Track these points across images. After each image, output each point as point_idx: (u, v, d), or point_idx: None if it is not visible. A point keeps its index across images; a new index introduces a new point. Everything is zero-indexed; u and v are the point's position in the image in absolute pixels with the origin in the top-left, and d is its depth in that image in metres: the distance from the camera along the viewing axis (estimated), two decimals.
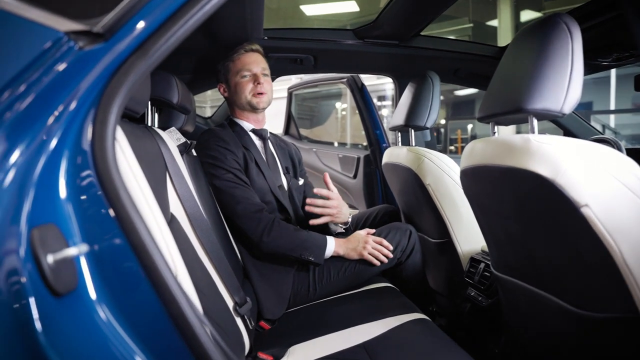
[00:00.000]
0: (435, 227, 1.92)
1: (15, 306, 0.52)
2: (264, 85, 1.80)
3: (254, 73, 1.79)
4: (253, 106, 1.81)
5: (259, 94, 1.79)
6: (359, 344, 1.27)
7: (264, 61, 1.84)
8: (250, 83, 1.79)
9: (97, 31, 0.63)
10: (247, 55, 1.80)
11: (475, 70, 2.42)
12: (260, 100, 1.80)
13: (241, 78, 1.79)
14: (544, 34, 0.98)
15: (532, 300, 1.13)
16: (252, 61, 1.79)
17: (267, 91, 1.81)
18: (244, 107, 1.83)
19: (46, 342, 0.52)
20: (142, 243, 0.62)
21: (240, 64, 1.79)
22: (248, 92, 1.79)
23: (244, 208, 1.62)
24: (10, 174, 0.55)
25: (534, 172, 0.91)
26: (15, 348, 0.51)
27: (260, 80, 1.79)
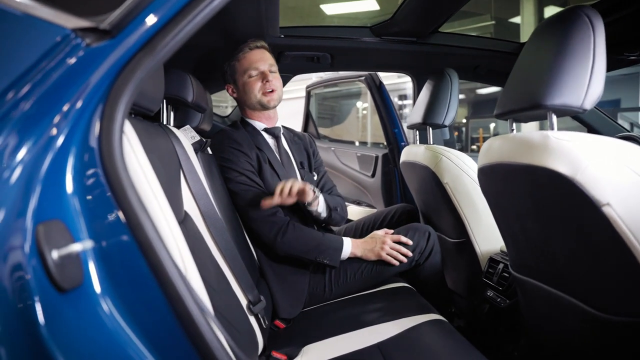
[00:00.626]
0: (454, 227, 1.89)
1: (19, 301, 0.52)
2: (273, 82, 1.74)
3: (262, 71, 1.73)
4: (264, 105, 1.77)
5: (269, 92, 1.75)
6: (373, 345, 1.26)
7: (271, 57, 1.79)
8: (259, 82, 1.74)
9: (104, 28, 0.63)
10: (253, 52, 1.74)
11: (495, 67, 2.37)
12: (271, 99, 1.76)
13: (249, 77, 1.74)
14: (565, 27, 0.95)
15: (551, 302, 1.10)
16: (259, 59, 1.74)
17: (276, 87, 1.76)
18: (254, 107, 1.79)
19: (49, 336, 0.52)
20: (148, 240, 0.61)
21: (247, 62, 1.74)
22: (257, 91, 1.74)
23: (257, 212, 1.61)
24: (17, 171, 0.55)
25: (553, 169, 0.88)
26: (18, 343, 0.51)
27: (268, 77, 1.73)
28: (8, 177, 0.55)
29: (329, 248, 1.63)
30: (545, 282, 1.10)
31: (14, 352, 0.51)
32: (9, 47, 0.60)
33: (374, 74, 2.82)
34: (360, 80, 2.89)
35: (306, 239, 1.62)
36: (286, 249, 1.61)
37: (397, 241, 1.70)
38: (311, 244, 1.62)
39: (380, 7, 6.98)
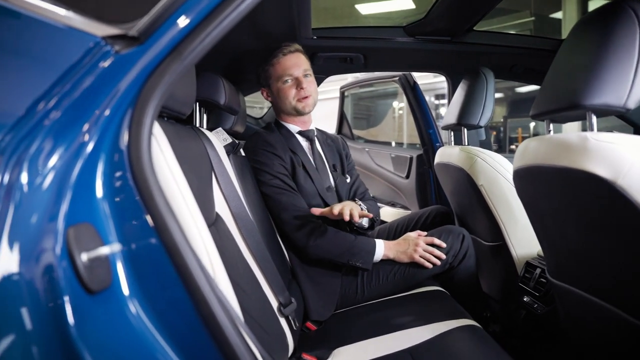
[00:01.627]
0: (489, 230, 1.85)
1: (50, 301, 0.53)
2: (307, 88, 1.75)
3: (296, 77, 1.74)
4: (299, 111, 1.78)
5: (304, 97, 1.75)
6: (404, 349, 1.24)
7: (306, 61, 1.79)
8: (293, 88, 1.74)
9: (133, 35, 0.65)
10: (287, 58, 1.74)
11: (533, 66, 2.29)
12: (306, 105, 1.76)
13: (283, 84, 1.74)
14: (608, 21, 0.91)
15: (592, 311, 1.05)
16: (293, 64, 1.74)
17: (311, 93, 1.77)
18: (289, 112, 1.80)
19: (78, 337, 0.53)
20: (175, 243, 0.62)
21: (281, 68, 1.74)
22: (292, 97, 1.75)
23: (289, 215, 1.62)
24: (49, 177, 0.57)
25: (592, 173, 0.84)
26: (49, 342, 0.53)
27: (302, 84, 1.73)
28: (41, 183, 0.57)
29: (361, 251, 1.62)
30: (585, 290, 1.06)
31: (45, 351, 0.52)
32: (41, 56, 0.62)
33: (408, 74, 2.79)
34: (394, 80, 2.87)
35: (338, 243, 1.61)
36: (318, 253, 1.61)
37: (430, 243, 1.67)
38: (343, 247, 1.61)
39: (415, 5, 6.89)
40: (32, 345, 0.52)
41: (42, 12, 0.62)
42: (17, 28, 0.63)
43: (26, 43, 0.62)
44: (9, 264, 0.52)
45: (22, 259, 0.53)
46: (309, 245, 1.60)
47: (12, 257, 0.52)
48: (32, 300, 0.52)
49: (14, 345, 0.51)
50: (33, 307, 0.52)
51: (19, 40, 0.62)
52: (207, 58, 0.71)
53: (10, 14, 0.62)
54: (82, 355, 0.54)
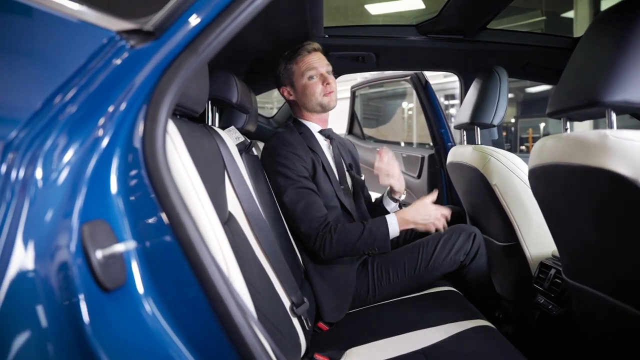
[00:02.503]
0: (502, 230, 1.83)
1: (65, 299, 0.53)
2: (332, 84, 1.78)
3: (321, 73, 1.76)
4: (324, 106, 1.78)
5: (330, 92, 1.77)
6: (418, 350, 1.23)
7: (326, 60, 1.81)
8: (319, 84, 1.75)
9: (148, 29, 0.64)
10: (311, 55, 1.76)
11: (547, 64, 2.27)
12: (331, 99, 1.78)
13: (309, 80, 1.75)
14: (627, 17, 0.89)
15: (611, 313, 1.03)
16: (317, 60, 1.76)
17: (334, 89, 1.80)
18: (313, 109, 1.80)
19: (93, 334, 0.53)
20: (190, 241, 0.61)
21: (305, 65, 1.75)
22: (319, 92, 1.75)
23: (305, 218, 1.59)
24: (64, 172, 0.57)
25: (613, 171, 0.82)
26: (64, 339, 0.52)
27: (328, 79, 1.76)
28: (56, 178, 0.56)
29: (375, 239, 1.58)
30: (603, 291, 1.04)
31: (60, 349, 0.52)
32: (56, 51, 0.62)
33: (420, 73, 2.77)
34: (406, 79, 2.85)
35: (353, 240, 1.57)
36: (334, 255, 1.59)
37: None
38: (359, 242, 1.57)
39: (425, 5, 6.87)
40: (48, 343, 0.51)
41: (56, 7, 0.62)
42: (32, 23, 0.62)
43: (41, 38, 0.62)
44: (24, 261, 0.52)
45: (37, 256, 0.52)
46: (324, 253, 1.57)
47: (28, 253, 0.52)
48: (48, 297, 0.52)
49: (30, 342, 0.50)
50: (48, 304, 0.52)
51: (33, 36, 0.62)
52: (219, 56, 0.71)
53: (25, 10, 0.62)
54: (98, 354, 0.53)
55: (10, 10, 0.62)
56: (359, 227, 1.59)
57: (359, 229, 1.58)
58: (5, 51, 0.62)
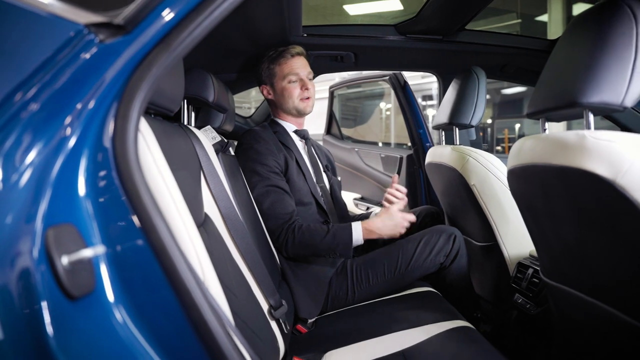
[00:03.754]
0: (480, 230, 1.84)
1: (26, 309, 0.49)
2: (311, 90, 1.81)
3: (301, 77, 1.80)
4: (300, 111, 1.83)
5: (307, 98, 1.81)
6: (397, 352, 1.23)
7: (308, 65, 1.85)
8: (298, 88, 1.80)
9: (118, 23, 0.61)
10: (294, 59, 1.80)
11: (524, 66, 2.29)
12: (307, 105, 1.82)
13: (288, 83, 1.79)
14: (604, 19, 0.90)
15: (587, 312, 1.04)
16: (299, 65, 1.80)
17: (312, 95, 1.84)
18: (289, 112, 1.84)
19: (57, 347, 0.50)
20: (163, 245, 0.59)
21: (287, 68, 1.79)
22: (296, 97, 1.80)
23: (273, 222, 1.60)
24: (26, 174, 0.53)
25: (591, 171, 0.82)
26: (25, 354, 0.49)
27: (307, 85, 1.80)
28: (17, 180, 0.53)
29: (338, 245, 1.58)
30: (580, 290, 1.04)
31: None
32: (18, 44, 0.58)
33: (399, 73, 2.78)
34: (385, 80, 2.85)
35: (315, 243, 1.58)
36: (298, 252, 1.61)
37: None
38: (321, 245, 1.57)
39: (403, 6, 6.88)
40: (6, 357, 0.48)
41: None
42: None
43: (4, 29, 0.59)
44: None
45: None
46: (288, 246, 1.59)
47: None
48: (5, 307, 0.49)
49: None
50: (7, 315, 0.48)
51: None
52: (195, 54, 0.68)
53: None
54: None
55: None
56: (323, 230, 1.59)
57: (323, 232, 1.59)
58: None
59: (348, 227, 1.61)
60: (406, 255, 1.68)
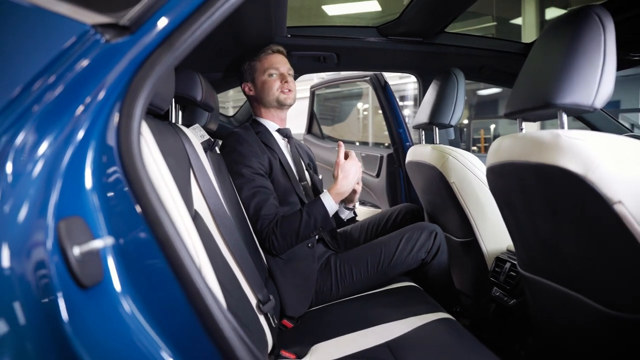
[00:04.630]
0: (460, 226, 1.90)
1: (43, 297, 0.52)
2: (290, 84, 1.85)
3: (281, 72, 1.84)
4: (281, 102, 1.84)
5: (287, 90, 1.84)
6: (382, 343, 1.26)
7: (289, 63, 1.89)
8: (278, 81, 1.83)
9: (124, 24, 0.64)
10: (274, 55, 1.85)
11: (500, 68, 2.37)
12: (288, 97, 1.84)
13: (269, 76, 1.82)
14: (575, 26, 0.96)
15: (561, 301, 1.10)
16: (279, 61, 1.84)
17: (293, 89, 1.87)
18: (270, 105, 1.85)
19: (72, 333, 0.52)
20: (168, 237, 0.62)
21: (268, 63, 1.83)
22: (276, 89, 1.82)
23: (259, 224, 1.63)
24: (39, 165, 0.56)
25: (564, 168, 0.88)
26: (43, 339, 0.51)
27: (287, 79, 1.84)
28: (30, 173, 0.55)
29: (317, 220, 1.63)
30: (555, 281, 1.11)
31: (39, 348, 0.51)
32: (30, 43, 0.60)
33: (379, 74, 2.83)
34: (365, 80, 2.90)
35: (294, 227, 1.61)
36: (286, 248, 1.64)
37: None
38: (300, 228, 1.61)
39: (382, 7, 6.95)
40: (26, 341, 0.50)
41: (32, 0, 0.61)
42: (5, 14, 0.61)
43: (14, 29, 0.61)
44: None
45: (13, 254, 0.51)
46: (275, 245, 1.62)
47: (3, 251, 0.51)
48: (25, 295, 0.51)
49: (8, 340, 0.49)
50: (26, 302, 0.51)
51: (6, 27, 0.61)
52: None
53: (1, 1, 0.61)
54: (78, 352, 0.53)
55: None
56: (296, 214, 1.63)
57: (298, 215, 1.63)
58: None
59: (318, 200, 1.66)
60: (389, 251, 1.73)
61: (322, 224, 1.63)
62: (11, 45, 0.60)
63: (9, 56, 0.60)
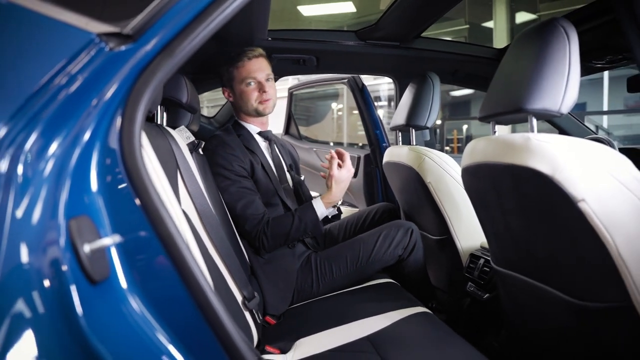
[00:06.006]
0: (436, 224, 1.96)
1: (58, 291, 0.55)
2: (269, 92, 1.83)
3: (259, 81, 1.81)
4: (259, 112, 1.85)
5: (265, 100, 1.82)
6: (363, 337, 1.31)
7: (268, 66, 1.86)
8: (256, 91, 1.81)
9: (127, 33, 0.67)
10: (251, 62, 1.80)
11: (473, 72, 2.46)
12: (266, 107, 1.84)
13: (246, 86, 1.81)
14: (543, 37, 1.03)
15: (531, 293, 1.17)
16: (257, 68, 1.80)
17: (272, 96, 1.85)
18: (250, 113, 1.87)
19: (87, 326, 0.56)
20: (170, 234, 0.66)
21: (245, 71, 1.80)
22: (254, 100, 1.81)
23: (249, 224, 1.68)
24: (48, 166, 0.59)
25: (534, 169, 0.95)
26: (62, 334, 0.55)
27: (265, 88, 1.81)
28: (41, 174, 0.58)
29: (307, 225, 1.71)
30: (526, 275, 1.18)
31: (56, 335, 0.54)
32: (39, 50, 0.64)
33: (357, 76, 2.88)
34: (343, 82, 2.95)
35: (284, 229, 1.69)
36: (275, 248, 1.70)
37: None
38: (290, 230, 1.69)
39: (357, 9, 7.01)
40: (44, 327, 0.53)
41: (41, 9, 0.64)
42: (18, 23, 0.64)
43: (26, 38, 0.64)
44: (18, 253, 0.54)
45: (30, 250, 0.55)
46: (266, 245, 1.68)
47: (22, 248, 0.54)
48: (41, 288, 0.54)
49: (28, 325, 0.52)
50: (45, 297, 0.54)
51: (19, 35, 0.64)
52: None
53: (14, 9, 0.64)
54: (94, 345, 0.56)
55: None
56: (289, 217, 1.71)
57: (290, 219, 1.70)
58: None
59: (310, 206, 1.74)
60: (367, 248, 1.78)
61: (312, 229, 1.71)
62: (22, 53, 0.63)
63: (20, 63, 0.63)
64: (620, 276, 0.89)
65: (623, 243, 0.88)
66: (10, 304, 0.52)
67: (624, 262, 0.88)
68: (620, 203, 0.89)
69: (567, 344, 1.14)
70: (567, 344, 1.14)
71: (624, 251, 0.88)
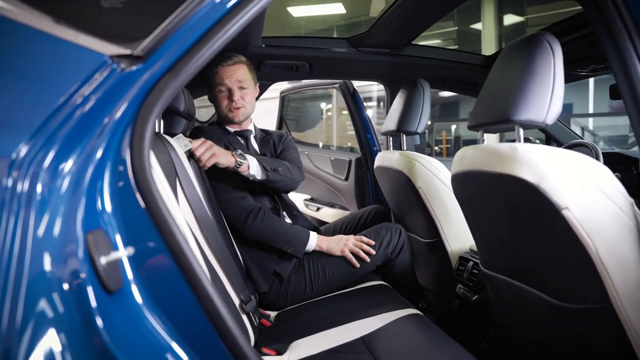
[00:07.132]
0: (426, 228, 2.01)
1: (78, 298, 0.59)
2: (238, 101, 1.83)
3: (229, 88, 1.82)
4: (229, 120, 1.89)
5: (235, 109, 1.85)
6: (357, 338, 1.34)
7: (245, 72, 1.85)
8: (226, 99, 1.85)
9: (137, 54, 0.71)
10: (225, 69, 1.81)
11: (463, 78, 2.52)
12: (236, 115, 1.86)
13: (218, 93, 1.84)
14: (529, 51, 1.08)
15: (518, 295, 1.22)
16: (228, 76, 1.81)
17: (243, 105, 1.86)
18: (223, 119, 1.92)
19: (107, 336, 0.59)
20: (179, 245, 0.69)
21: (218, 78, 1.82)
22: (224, 107, 1.85)
23: (228, 195, 1.74)
24: (66, 180, 0.62)
25: (521, 177, 0.99)
26: (84, 343, 0.58)
27: (234, 96, 1.82)
28: (59, 190, 0.62)
29: (294, 240, 1.77)
30: (513, 277, 1.23)
31: (77, 341, 0.58)
32: (58, 71, 0.67)
33: (348, 81, 2.92)
34: (335, 87, 2.99)
35: (275, 228, 1.75)
36: (254, 234, 1.74)
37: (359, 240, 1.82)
38: (279, 233, 1.75)
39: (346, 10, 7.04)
40: (65, 331, 0.57)
41: (57, 33, 0.67)
42: (35, 47, 0.67)
43: (43, 61, 0.67)
44: (41, 264, 0.57)
45: (53, 260, 0.58)
46: (246, 225, 1.73)
47: (45, 257, 0.58)
48: (63, 296, 0.58)
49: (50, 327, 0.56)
50: (64, 300, 0.58)
51: (38, 56, 0.67)
52: None
53: (34, 33, 0.67)
54: (114, 354, 0.60)
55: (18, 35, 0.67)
56: (287, 223, 1.80)
57: (287, 225, 1.79)
58: (9, 72, 0.66)
59: (306, 231, 1.81)
60: None
61: (295, 246, 1.77)
62: (41, 74, 0.67)
63: (39, 84, 0.66)
64: (600, 279, 0.94)
65: (603, 248, 0.93)
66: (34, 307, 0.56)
67: (604, 265, 0.93)
68: (601, 210, 0.94)
69: (553, 345, 1.19)
70: (552, 344, 1.19)
71: (604, 255, 0.93)
